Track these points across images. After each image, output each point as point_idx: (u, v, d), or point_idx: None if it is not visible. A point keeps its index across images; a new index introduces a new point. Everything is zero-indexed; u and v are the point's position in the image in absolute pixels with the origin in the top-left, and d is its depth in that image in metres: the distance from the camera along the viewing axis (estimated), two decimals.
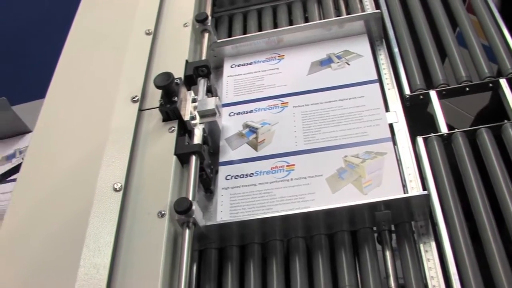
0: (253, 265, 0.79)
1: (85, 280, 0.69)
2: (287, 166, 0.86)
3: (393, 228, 0.79)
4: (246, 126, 0.93)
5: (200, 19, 1.01)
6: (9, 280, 0.74)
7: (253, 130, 0.92)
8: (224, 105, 0.96)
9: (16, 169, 1.18)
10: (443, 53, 0.97)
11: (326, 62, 0.99)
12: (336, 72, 0.97)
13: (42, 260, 0.74)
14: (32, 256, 0.75)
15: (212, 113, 0.87)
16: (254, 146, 0.90)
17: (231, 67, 1.04)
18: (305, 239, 0.80)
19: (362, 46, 0.99)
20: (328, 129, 0.89)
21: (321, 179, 0.83)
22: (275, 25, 1.14)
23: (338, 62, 0.98)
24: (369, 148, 0.85)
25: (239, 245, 0.81)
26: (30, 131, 1.36)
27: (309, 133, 0.89)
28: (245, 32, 1.14)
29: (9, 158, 1.34)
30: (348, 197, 0.80)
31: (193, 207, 0.73)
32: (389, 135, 0.86)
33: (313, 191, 0.82)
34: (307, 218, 0.78)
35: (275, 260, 0.78)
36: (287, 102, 0.95)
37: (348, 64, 0.97)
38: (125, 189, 0.78)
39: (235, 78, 1.02)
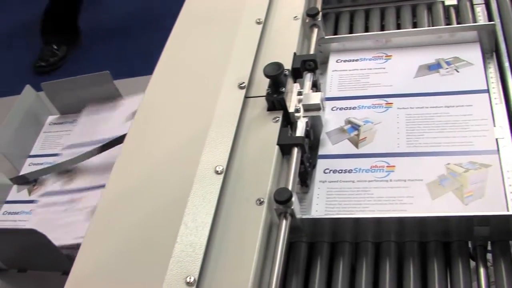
0: (342, 263, 0.78)
1: (181, 256, 0.70)
2: (387, 166, 0.85)
3: (489, 245, 0.77)
4: (348, 122, 0.92)
5: (311, 14, 1.01)
6: (105, 250, 0.75)
7: (355, 127, 0.91)
8: (327, 99, 0.96)
9: (117, 141, 1.21)
10: None
11: (434, 67, 0.97)
12: (444, 78, 0.95)
13: (139, 233, 0.76)
14: (129, 228, 0.77)
15: (317, 107, 0.87)
16: (355, 143, 0.89)
17: (337, 61, 1.03)
18: (397, 244, 0.79)
19: (473, 54, 0.97)
20: (432, 134, 0.88)
21: (421, 184, 0.82)
22: (382, 27, 1.13)
23: (447, 68, 0.96)
24: (474, 159, 0.83)
25: (329, 241, 0.81)
26: None
27: (412, 137, 0.88)
28: (351, 31, 1.14)
29: None
30: (448, 205, 0.79)
31: (293, 199, 0.73)
32: (495, 147, 0.84)
33: (412, 194, 0.81)
34: (402, 223, 0.77)
35: (365, 261, 0.78)
36: (391, 103, 0.93)
37: (457, 71, 0.95)
38: (226, 173, 0.78)
39: (340, 73, 1.01)
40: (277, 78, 0.84)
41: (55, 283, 1.11)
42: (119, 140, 1.20)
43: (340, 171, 0.86)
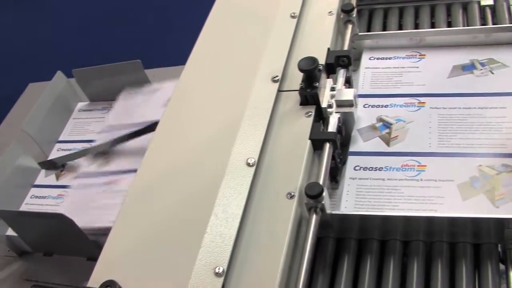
0: (370, 261, 0.78)
1: (210, 247, 0.70)
2: (418, 166, 0.85)
3: None
4: (380, 120, 0.92)
5: (346, 10, 1.01)
6: (134, 235, 0.76)
7: (387, 125, 0.91)
8: (359, 96, 0.96)
9: (148, 129, 1.22)
10: None
11: (468, 68, 0.97)
12: (478, 79, 0.94)
13: (169, 221, 0.76)
14: (159, 216, 0.77)
15: (350, 104, 0.87)
16: (387, 141, 0.89)
17: (370, 59, 1.03)
18: (425, 243, 0.78)
19: (509, 56, 0.96)
20: (464, 135, 0.87)
21: (452, 185, 0.81)
22: (416, 26, 1.12)
23: (481, 69, 0.96)
24: (507, 161, 0.82)
25: (357, 238, 0.81)
26: None
27: (444, 137, 0.87)
28: (384, 28, 1.13)
29: None
30: (479, 207, 0.78)
31: (324, 193, 0.73)
32: None
33: (442, 195, 0.81)
34: (432, 222, 0.76)
35: (393, 259, 0.77)
36: (424, 102, 0.93)
37: (492, 73, 0.95)
38: (257, 166, 0.79)
39: (373, 70, 1.01)
40: (311, 72, 0.84)
41: (80, 268, 1.13)
42: (154, 126, 1.21)
43: (370, 169, 0.86)
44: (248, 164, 0.78)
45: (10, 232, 1.18)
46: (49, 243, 1.17)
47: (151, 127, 1.21)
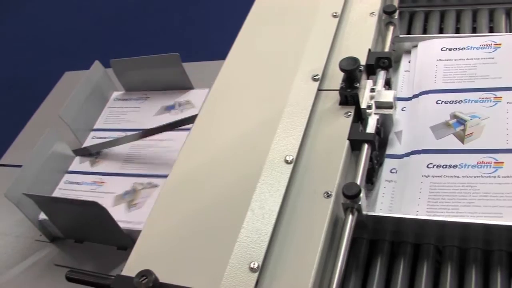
0: (403, 264, 0.77)
1: (246, 242, 0.70)
2: (495, 163, 0.82)
3: None
4: (454, 116, 0.90)
5: (388, 11, 1.00)
6: (170, 228, 0.77)
7: (461, 121, 0.89)
8: (433, 92, 0.94)
9: (182, 122, 1.22)
10: None
11: None
12: None
13: (205, 214, 0.77)
14: (195, 209, 0.78)
15: (389, 106, 0.87)
16: (461, 138, 0.87)
17: (442, 49, 1.00)
18: (459, 249, 0.78)
19: None
20: None
21: None
22: (457, 30, 1.11)
23: None
24: None
25: (391, 240, 0.80)
26: (192, 88, 1.40)
27: None
28: (424, 31, 1.13)
29: (168, 108, 1.39)
30: None
31: (361, 194, 0.73)
32: None
33: None
34: (466, 228, 0.75)
35: (426, 264, 0.77)
36: (500, 97, 0.90)
37: None
38: (295, 163, 0.79)
39: (445, 63, 0.98)
40: (352, 72, 0.84)
41: (110, 257, 1.14)
42: (190, 119, 1.21)
43: (444, 166, 0.84)
44: (286, 161, 0.78)
45: (43, 216, 1.20)
46: (81, 230, 1.18)
47: (186, 121, 1.21)
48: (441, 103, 0.92)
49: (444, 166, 0.84)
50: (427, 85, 0.95)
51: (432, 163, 0.85)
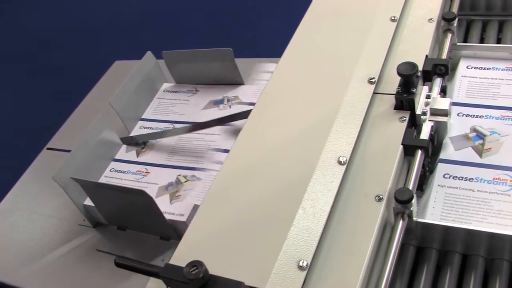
0: (450, 274, 0.77)
1: (295, 239, 0.70)
2: (510, 181, 0.82)
3: None
4: (474, 130, 0.90)
5: (447, 18, 0.99)
6: (220, 221, 0.77)
7: (480, 136, 0.89)
8: (454, 104, 0.94)
9: (231, 117, 1.23)
10: None
11: None
12: None
13: (255, 210, 0.77)
14: (245, 204, 0.78)
15: (444, 113, 0.86)
16: (479, 152, 0.87)
17: (467, 67, 1.01)
18: (510, 263, 0.77)
19: None
20: None
21: None
22: None
23: None
24: None
25: (438, 249, 0.80)
26: (243, 84, 1.41)
27: None
28: (481, 40, 1.11)
29: (216, 103, 1.40)
30: None
31: (413, 200, 0.72)
32: None
33: None
34: None
35: (473, 276, 0.76)
36: None
37: None
38: (348, 165, 0.79)
39: (470, 80, 0.99)
40: (409, 78, 0.84)
41: (152, 246, 1.15)
42: (239, 115, 1.22)
43: (460, 178, 0.84)
44: (340, 162, 0.78)
45: (88, 202, 1.21)
46: (125, 217, 1.19)
47: (238, 116, 1.22)
48: (462, 115, 0.93)
49: (460, 178, 0.84)
50: (449, 97, 0.96)
51: (448, 174, 0.85)
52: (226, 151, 1.23)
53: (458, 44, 1.03)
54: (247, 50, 1.70)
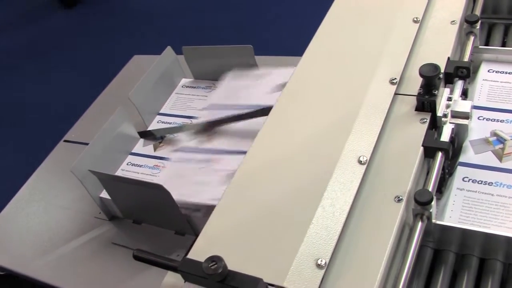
0: (467, 278, 0.76)
1: (314, 238, 0.70)
2: None
3: None
4: (494, 134, 0.90)
5: (470, 21, 0.99)
6: (239, 216, 0.77)
7: (501, 140, 0.89)
8: (474, 108, 0.93)
9: (249, 115, 1.23)
10: None
11: None
12: None
13: (274, 207, 0.77)
14: (265, 200, 0.78)
15: (466, 116, 0.86)
16: (499, 156, 0.87)
17: (489, 71, 1.00)
18: None
19: None
20: None
21: None
22: None
23: None
24: None
25: (456, 252, 0.79)
26: None
27: None
28: (503, 44, 1.11)
29: None
30: None
31: (433, 202, 0.72)
32: None
33: None
34: None
35: (491, 280, 0.76)
36: None
37: None
38: (368, 164, 0.78)
39: (491, 83, 0.98)
40: (432, 79, 0.83)
41: (167, 240, 1.15)
42: (260, 111, 1.22)
43: (479, 182, 0.84)
44: (360, 162, 0.78)
45: (104, 194, 1.22)
46: (141, 211, 1.19)
47: (257, 112, 1.22)
48: (483, 119, 0.93)
49: (480, 182, 0.84)
50: (470, 100, 0.95)
51: (468, 177, 0.85)
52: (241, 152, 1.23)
53: (480, 47, 1.03)
54: (268, 48, 1.71)
